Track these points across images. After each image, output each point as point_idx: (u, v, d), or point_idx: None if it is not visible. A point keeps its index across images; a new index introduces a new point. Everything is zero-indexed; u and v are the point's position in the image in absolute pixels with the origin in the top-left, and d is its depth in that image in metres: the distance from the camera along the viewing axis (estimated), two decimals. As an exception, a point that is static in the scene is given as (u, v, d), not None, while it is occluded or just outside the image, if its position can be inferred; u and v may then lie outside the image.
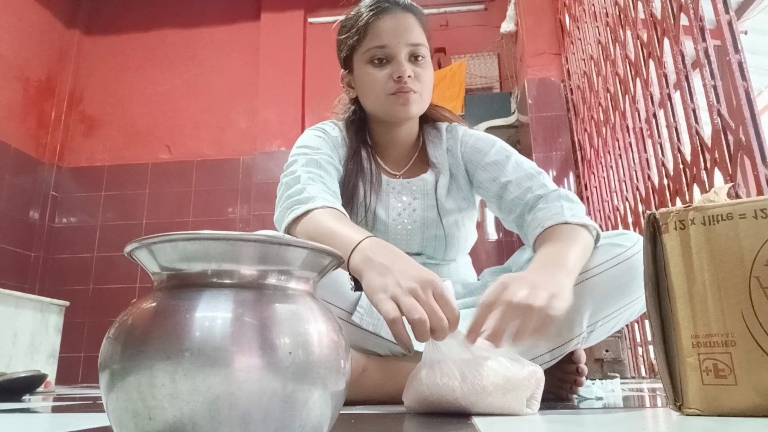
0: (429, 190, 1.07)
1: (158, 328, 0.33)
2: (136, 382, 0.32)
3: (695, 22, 1.32)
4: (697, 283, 0.57)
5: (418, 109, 1.04)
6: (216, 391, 0.31)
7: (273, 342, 0.33)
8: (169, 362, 0.32)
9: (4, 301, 2.04)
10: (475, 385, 0.64)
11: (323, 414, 0.35)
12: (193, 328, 0.33)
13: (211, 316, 0.33)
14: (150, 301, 0.36)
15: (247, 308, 0.34)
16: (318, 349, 0.35)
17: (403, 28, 1.02)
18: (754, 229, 0.55)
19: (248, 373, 0.32)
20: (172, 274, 0.37)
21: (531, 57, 3.05)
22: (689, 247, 0.58)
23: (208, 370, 0.31)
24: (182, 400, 0.31)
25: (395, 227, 1.05)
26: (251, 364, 0.32)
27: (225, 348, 0.32)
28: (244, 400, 0.32)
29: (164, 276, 0.37)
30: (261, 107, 3.58)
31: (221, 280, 0.35)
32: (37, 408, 1.08)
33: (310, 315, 0.36)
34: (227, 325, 0.33)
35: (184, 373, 0.31)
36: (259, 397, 0.32)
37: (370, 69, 1.02)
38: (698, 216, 0.58)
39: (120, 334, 0.35)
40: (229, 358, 0.32)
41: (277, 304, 0.35)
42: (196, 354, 0.32)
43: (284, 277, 0.37)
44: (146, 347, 0.33)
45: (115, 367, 0.34)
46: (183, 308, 0.33)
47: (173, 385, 0.31)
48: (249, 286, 0.36)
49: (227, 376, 0.32)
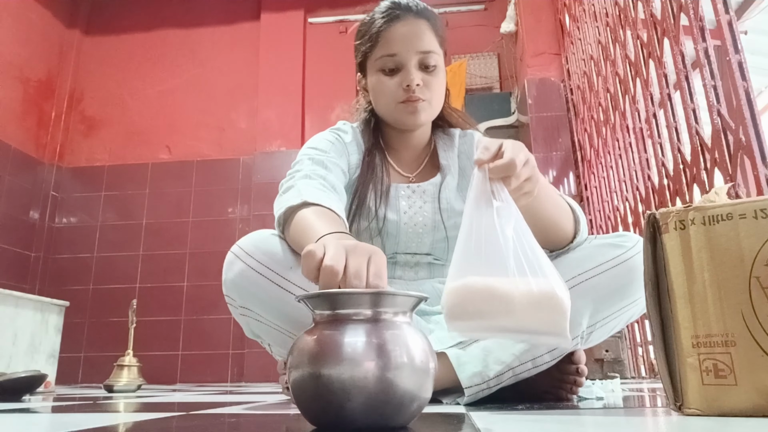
0: (437, 194, 1.08)
1: (328, 348, 0.54)
2: (314, 380, 0.53)
3: (695, 22, 1.32)
4: (697, 283, 0.57)
5: (427, 117, 1.06)
6: (360, 383, 0.52)
7: (389, 352, 0.54)
8: (336, 367, 0.53)
9: (4, 301, 2.04)
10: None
11: (420, 395, 0.55)
12: (345, 347, 0.53)
13: (355, 340, 0.54)
14: (318, 333, 0.56)
15: (373, 334, 0.54)
16: (416, 356, 0.55)
17: (414, 35, 1.02)
18: (754, 229, 0.55)
19: (375, 371, 0.52)
20: (331, 314, 0.57)
21: (531, 57, 3.05)
22: (689, 247, 0.58)
23: (355, 369, 0.52)
24: (345, 390, 0.52)
25: (406, 230, 1.05)
26: (378, 365, 0.53)
27: (362, 359, 0.53)
28: (374, 385, 0.52)
29: (326, 315, 0.57)
30: (261, 107, 3.58)
31: (357, 318, 0.56)
32: (37, 408, 1.08)
33: (408, 336, 0.56)
34: (363, 345, 0.54)
35: (344, 372, 0.52)
36: (386, 383, 0.53)
37: (381, 77, 1.03)
38: (698, 216, 0.58)
39: (303, 353, 0.55)
40: (365, 363, 0.53)
41: (389, 331, 0.55)
42: (349, 362, 0.53)
43: (391, 313, 0.57)
44: (321, 359, 0.53)
45: (305, 371, 0.54)
46: (339, 335, 0.54)
47: (340, 381, 0.52)
48: (372, 321, 0.56)
49: (365, 374, 0.52)
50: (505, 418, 0.62)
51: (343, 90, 3.57)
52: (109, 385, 1.88)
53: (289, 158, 3.57)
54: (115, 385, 1.87)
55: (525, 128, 3.06)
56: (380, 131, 1.13)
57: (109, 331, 3.17)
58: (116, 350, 2.48)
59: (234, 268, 0.86)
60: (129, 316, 2.02)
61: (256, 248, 0.86)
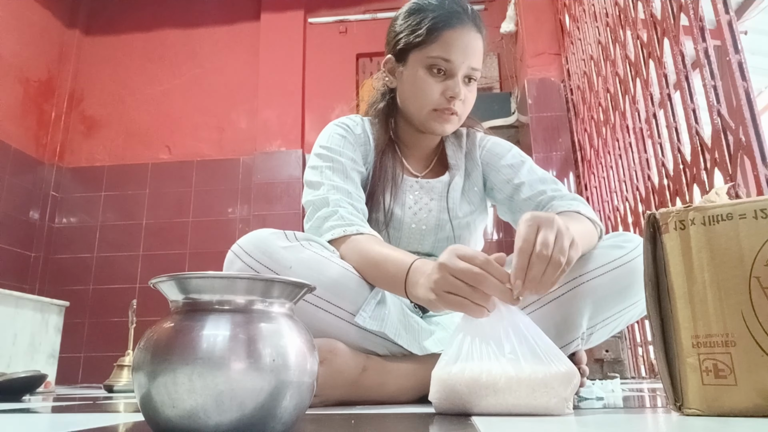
0: (445, 192, 1.09)
1: (179, 342, 0.46)
2: (163, 380, 0.44)
3: (695, 22, 1.32)
4: (697, 283, 0.57)
5: (453, 129, 1.06)
6: (221, 387, 0.44)
7: (260, 352, 0.46)
8: (187, 367, 0.44)
9: (4, 301, 2.04)
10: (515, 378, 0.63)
11: (298, 402, 0.48)
12: (202, 342, 0.45)
13: (215, 333, 0.46)
14: (170, 322, 0.48)
15: (241, 327, 0.47)
16: (293, 356, 0.47)
17: (471, 48, 1.01)
18: (754, 229, 0.55)
19: (243, 374, 0.45)
20: (187, 302, 0.49)
21: (531, 57, 3.05)
22: (689, 248, 0.58)
23: (215, 372, 0.44)
24: (197, 393, 0.44)
25: (409, 227, 1.06)
26: (245, 367, 0.45)
27: (226, 356, 0.45)
28: (240, 393, 0.44)
29: (180, 303, 0.50)
30: (261, 107, 3.58)
31: (222, 306, 0.48)
32: (37, 408, 1.08)
33: (287, 331, 0.49)
34: (227, 340, 0.46)
35: (198, 375, 0.44)
36: (251, 391, 0.45)
37: (427, 76, 1.01)
38: (698, 216, 0.58)
39: (149, 345, 0.47)
40: (229, 364, 0.45)
41: (262, 324, 0.48)
42: (206, 361, 0.44)
43: (267, 304, 0.50)
44: (170, 356, 0.45)
45: (146, 369, 0.46)
46: (196, 327, 0.46)
47: (190, 383, 0.44)
48: (242, 311, 0.48)
49: (228, 377, 0.44)
50: (505, 419, 0.62)
51: (343, 90, 3.56)
52: (109, 385, 1.88)
53: (289, 158, 3.57)
54: (115, 385, 1.87)
55: (525, 128, 3.06)
56: (395, 125, 1.12)
57: (109, 331, 3.17)
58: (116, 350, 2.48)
59: (234, 267, 0.88)
60: (129, 316, 2.02)
61: (256, 248, 0.87)
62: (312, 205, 0.98)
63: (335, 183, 0.98)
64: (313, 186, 1.00)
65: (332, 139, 1.05)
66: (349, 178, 1.01)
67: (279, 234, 0.89)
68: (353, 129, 1.08)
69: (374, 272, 0.87)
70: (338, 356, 0.84)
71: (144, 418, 0.48)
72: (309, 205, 0.99)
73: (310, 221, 0.98)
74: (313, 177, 1.01)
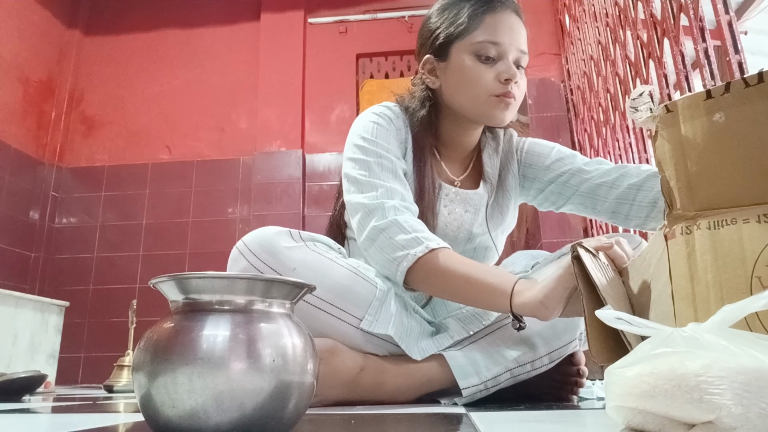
0: (481, 207, 1.06)
1: (179, 342, 0.45)
2: (163, 381, 0.44)
3: (695, 23, 1.32)
4: (701, 284, 0.58)
5: (511, 117, 1.00)
6: (221, 387, 0.44)
7: (260, 352, 0.46)
8: (187, 367, 0.44)
9: (4, 301, 2.03)
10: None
11: (298, 402, 0.48)
12: (202, 342, 0.45)
13: (215, 333, 0.46)
14: (170, 322, 0.48)
15: (241, 327, 0.46)
16: (293, 356, 0.47)
17: (516, 31, 0.98)
18: (757, 232, 0.55)
19: (243, 374, 0.44)
20: (187, 302, 0.49)
21: (531, 57, 3.03)
22: (694, 251, 0.59)
23: (215, 372, 0.44)
24: (197, 393, 0.43)
25: (440, 235, 0.99)
26: (245, 367, 0.45)
27: (226, 356, 0.44)
28: (240, 393, 0.44)
29: (180, 303, 0.49)
30: (261, 107, 3.58)
31: (222, 306, 0.48)
32: (37, 408, 1.08)
33: (287, 331, 0.48)
34: (227, 340, 0.45)
35: (198, 375, 0.44)
36: (251, 391, 0.44)
37: (477, 63, 0.95)
38: (704, 221, 0.59)
39: (149, 345, 0.47)
40: (229, 364, 0.44)
41: (262, 324, 0.48)
42: (206, 361, 0.44)
43: (267, 304, 0.49)
44: (170, 356, 0.45)
45: (146, 370, 0.46)
46: (196, 328, 0.46)
47: (190, 383, 0.44)
48: (242, 311, 0.48)
49: (228, 377, 0.44)
50: (505, 418, 0.62)
51: (343, 90, 3.56)
52: (109, 385, 1.88)
53: (289, 158, 3.57)
54: (115, 386, 1.87)
55: (525, 128, 3.05)
56: (436, 125, 1.05)
57: (109, 331, 3.17)
58: (116, 350, 2.48)
59: (238, 265, 0.87)
60: (129, 316, 2.02)
61: (260, 247, 0.87)
62: (364, 209, 0.90)
63: (388, 184, 0.91)
64: (360, 185, 0.92)
65: (377, 130, 0.97)
66: (398, 177, 0.94)
67: (284, 233, 0.89)
68: (394, 121, 1.00)
69: (465, 287, 0.82)
70: (335, 356, 0.84)
71: (144, 418, 0.48)
72: (359, 209, 0.91)
73: (362, 229, 0.90)
74: (359, 173, 0.93)
